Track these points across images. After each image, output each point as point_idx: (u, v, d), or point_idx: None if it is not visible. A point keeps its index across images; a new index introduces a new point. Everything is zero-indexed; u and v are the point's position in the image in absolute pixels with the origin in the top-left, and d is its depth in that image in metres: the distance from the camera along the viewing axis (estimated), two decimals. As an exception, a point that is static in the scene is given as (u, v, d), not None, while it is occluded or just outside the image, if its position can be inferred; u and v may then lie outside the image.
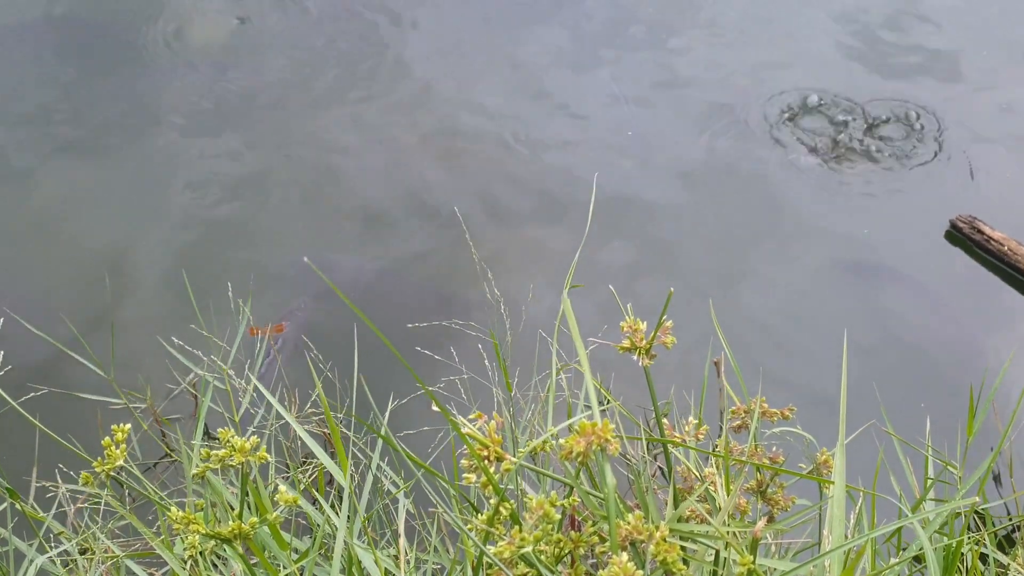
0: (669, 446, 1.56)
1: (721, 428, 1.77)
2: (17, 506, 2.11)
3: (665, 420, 1.61)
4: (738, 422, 1.72)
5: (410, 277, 3.80)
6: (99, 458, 1.17)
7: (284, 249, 3.81)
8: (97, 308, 3.42)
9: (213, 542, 1.18)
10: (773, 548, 1.94)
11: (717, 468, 1.57)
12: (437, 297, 3.68)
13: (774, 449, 1.67)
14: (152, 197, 4.03)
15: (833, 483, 1.35)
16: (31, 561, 1.78)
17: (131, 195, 4.05)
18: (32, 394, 2.27)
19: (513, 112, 4.50)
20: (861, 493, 1.90)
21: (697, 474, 1.48)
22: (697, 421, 1.58)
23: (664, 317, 1.40)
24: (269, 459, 1.15)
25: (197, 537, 1.16)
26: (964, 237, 3.91)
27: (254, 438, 1.16)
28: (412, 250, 3.87)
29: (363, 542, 1.80)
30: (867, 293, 3.83)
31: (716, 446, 1.66)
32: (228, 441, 1.16)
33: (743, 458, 1.56)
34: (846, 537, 1.59)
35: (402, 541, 1.52)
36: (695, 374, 2.68)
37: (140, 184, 4.12)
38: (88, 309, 3.41)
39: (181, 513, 1.15)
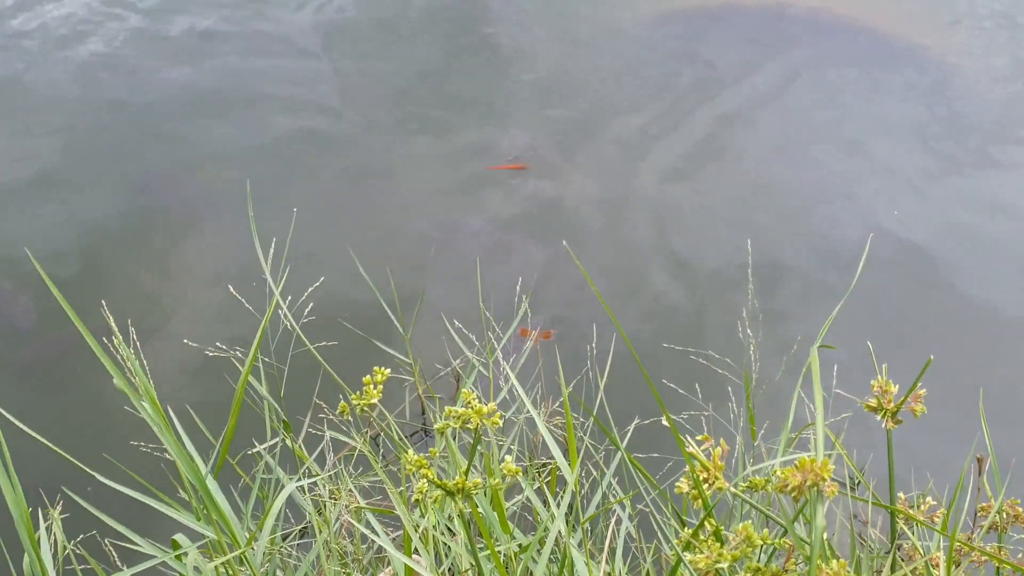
0: (900, 521, 1.51)
1: (971, 521, 1.68)
2: (287, 442, 2.34)
3: (902, 495, 1.55)
4: (986, 522, 1.63)
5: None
6: (357, 392, 1.30)
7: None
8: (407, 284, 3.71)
9: (439, 492, 1.28)
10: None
11: (945, 553, 1.50)
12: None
13: (1020, 556, 1.57)
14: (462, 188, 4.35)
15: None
16: (286, 490, 1.98)
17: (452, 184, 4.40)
18: (325, 343, 2.51)
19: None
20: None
21: (922, 553, 1.43)
22: (935, 502, 1.52)
23: (919, 384, 1.36)
24: (500, 423, 1.24)
25: (425, 484, 1.27)
26: None
27: (491, 404, 1.25)
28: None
29: (582, 550, 1.86)
30: None
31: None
32: (469, 403, 1.26)
33: (984, 551, 1.49)
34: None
35: (615, 554, 1.56)
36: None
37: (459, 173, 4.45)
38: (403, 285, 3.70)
39: (415, 456, 1.26)
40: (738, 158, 4.66)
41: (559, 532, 1.74)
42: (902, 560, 1.48)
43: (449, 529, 2.01)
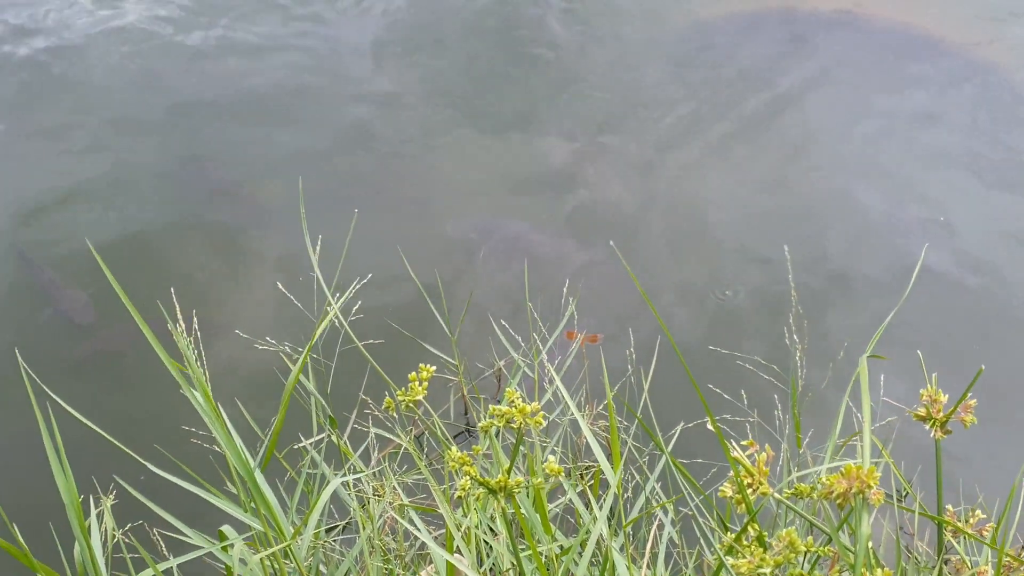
0: (948, 534, 1.49)
1: (1020, 536, 1.65)
2: (333, 438, 2.36)
3: (951, 507, 1.53)
4: (1038, 536, 1.60)
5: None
6: (403, 389, 1.31)
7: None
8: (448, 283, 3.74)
9: (482, 490, 1.29)
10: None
11: (994, 567, 1.47)
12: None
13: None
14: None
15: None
16: (331, 485, 2.00)
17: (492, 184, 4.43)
18: (371, 340, 2.52)
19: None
20: None
21: (969, 565, 1.41)
22: (984, 515, 1.50)
23: (969, 394, 1.35)
24: (543, 423, 1.24)
25: (468, 480, 1.28)
26: None
27: (535, 403, 1.25)
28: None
29: (623, 553, 1.86)
30: None
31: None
32: (512, 401, 1.27)
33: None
34: None
35: (657, 559, 1.56)
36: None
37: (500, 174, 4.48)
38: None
39: (459, 453, 1.27)
40: (787, 164, 4.62)
41: (601, 535, 1.74)
42: (949, 573, 1.46)
43: (491, 529, 2.02)
